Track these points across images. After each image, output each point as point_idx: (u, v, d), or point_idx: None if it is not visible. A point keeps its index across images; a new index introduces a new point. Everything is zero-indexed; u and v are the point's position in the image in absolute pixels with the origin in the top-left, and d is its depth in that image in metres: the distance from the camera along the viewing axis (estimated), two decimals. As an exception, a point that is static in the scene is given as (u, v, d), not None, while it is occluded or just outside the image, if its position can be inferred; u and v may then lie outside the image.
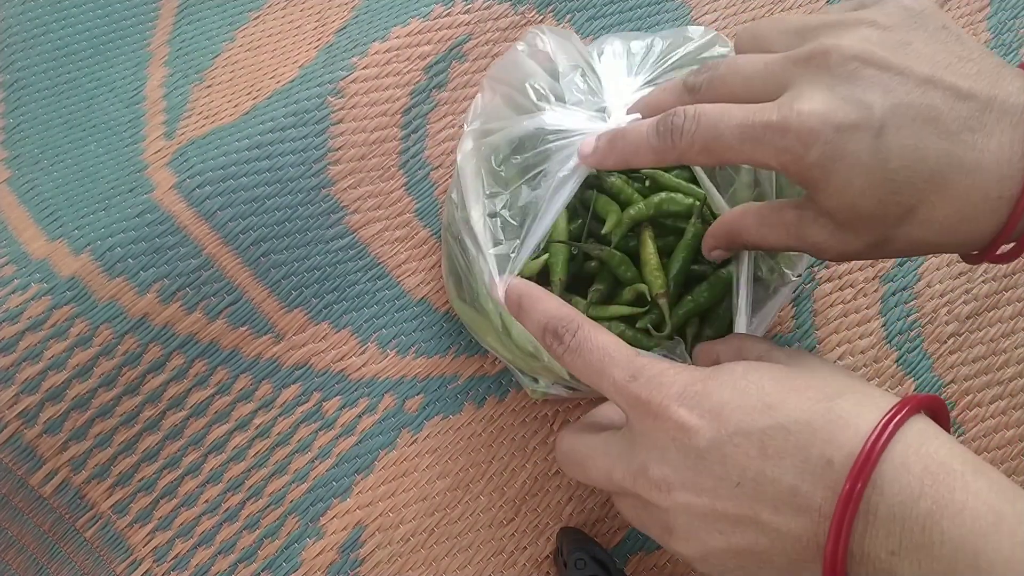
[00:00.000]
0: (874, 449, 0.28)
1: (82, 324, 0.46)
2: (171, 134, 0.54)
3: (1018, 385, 0.52)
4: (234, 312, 0.49)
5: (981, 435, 0.51)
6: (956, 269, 0.55)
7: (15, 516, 0.46)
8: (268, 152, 0.51)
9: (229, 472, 0.48)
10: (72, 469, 0.46)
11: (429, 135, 0.55)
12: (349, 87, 0.53)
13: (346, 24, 0.58)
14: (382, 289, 0.52)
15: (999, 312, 0.54)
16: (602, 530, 0.49)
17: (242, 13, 0.60)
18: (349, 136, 0.53)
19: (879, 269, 0.55)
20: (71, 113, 0.55)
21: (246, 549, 0.47)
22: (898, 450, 0.28)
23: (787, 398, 0.31)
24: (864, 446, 0.28)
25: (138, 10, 0.59)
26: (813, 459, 0.29)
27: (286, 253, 0.51)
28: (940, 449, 0.29)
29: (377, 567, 0.47)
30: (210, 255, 0.49)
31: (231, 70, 0.57)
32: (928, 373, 0.52)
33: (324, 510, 0.48)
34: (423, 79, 0.55)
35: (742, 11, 0.61)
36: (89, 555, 0.47)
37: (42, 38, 0.57)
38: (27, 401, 0.45)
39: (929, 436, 0.29)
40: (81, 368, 0.46)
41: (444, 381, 0.51)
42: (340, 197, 0.52)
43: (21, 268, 0.48)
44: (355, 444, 0.49)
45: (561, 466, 0.38)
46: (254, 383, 0.50)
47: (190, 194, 0.49)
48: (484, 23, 0.57)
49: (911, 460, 0.28)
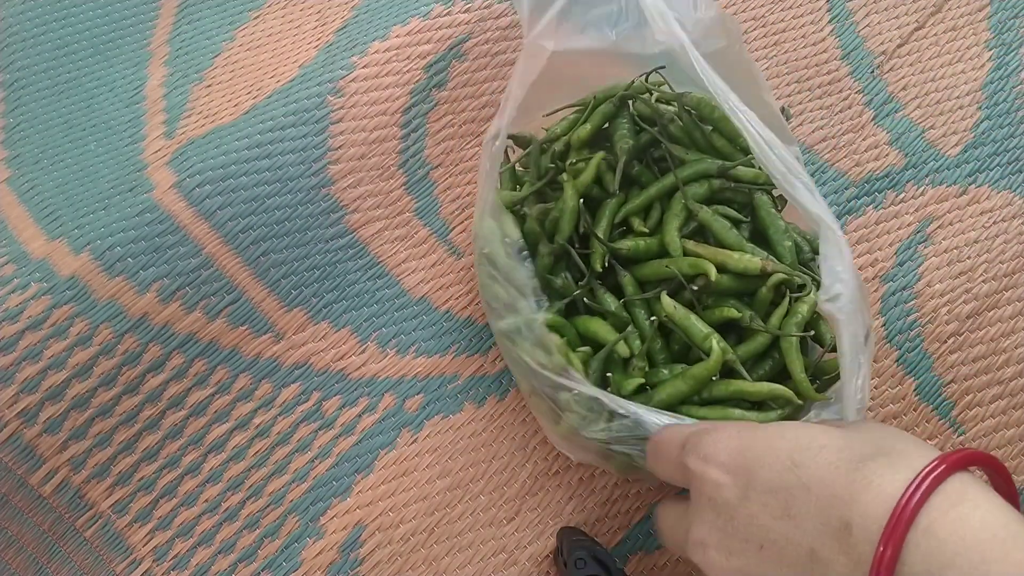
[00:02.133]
0: (904, 514, 0.26)
1: (82, 323, 0.46)
2: (171, 134, 0.54)
3: (1018, 385, 0.52)
4: (234, 311, 0.49)
5: (981, 435, 0.51)
6: (956, 269, 0.55)
7: (15, 515, 0.46)
8: (268, 151, 0.51)
9: (229, 471, 0.48)
10: (72, 468, 0.46)
11: (429, 134, 0.55)
12: (349, 86, 0.53)
13: (346, 23, 0.58)
14: (382, 288, 0.52)
15: (999, 312, 0.54)
16: (602, 529, 0.49)
17: (242, 12, 0.60)
18: (349, 135, 0.53)
19: (879, 269, 0.55)
20: (71, 113, 0.55)
21: (246, 548, 0.47)
22: (923, 514, 0.27)
23: (816, 456, 0.30)
24: (895, 510, 0.27)
25: (138, 10, 0.59)
26: (832, 522, 0.28)
27: (286, 252, 0.51)
28: (975, 512, 0.26)
29: (377, 566, 0.47)
30: (210, 254, 0.49)
31: (231, 69, 0.57)
32: (928, 373, 0.52)
33: (324, 509, 0.48)
34: (423, 78, 0.55)
35: (741, 11, 0.61)
36: (89, 554, 0.47)
37: (42, 37, 0.57)
38: (27, 400, 0.45)
39: (966, 497, 0.27)
40: (81, 367, 0.46)
41: (444, 380, 0.51)
42: (340, 196, 0.52)
43: (21, 267, 0.48)
44: (355, 443, 0.49)
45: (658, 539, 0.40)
46: (254, 382, 0.49)
47: (190, 193, 0.49)
48: (484, 22, 0.57)
49: (937, 526, 0.26)
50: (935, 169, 0.57)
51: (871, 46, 0.61)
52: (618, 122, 0.48)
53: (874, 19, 0.62)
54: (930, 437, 0.51)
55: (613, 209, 0.46)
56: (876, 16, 0.62)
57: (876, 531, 0.27)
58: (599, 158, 0.46)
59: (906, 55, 0.61)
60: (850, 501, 0.28)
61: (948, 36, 0.61)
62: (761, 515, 0.30)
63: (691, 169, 0.46)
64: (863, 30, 0.61)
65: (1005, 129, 0.59)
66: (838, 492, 0.29)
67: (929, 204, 0.56)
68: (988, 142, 0.58)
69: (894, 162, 0.58)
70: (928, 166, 0.57)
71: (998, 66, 0.61)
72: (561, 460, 0.50)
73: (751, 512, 0.30)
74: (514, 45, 0.58)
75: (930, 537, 0.26)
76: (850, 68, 0.60)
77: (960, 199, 0.57)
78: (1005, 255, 0.55)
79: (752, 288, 0.44)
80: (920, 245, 0.55)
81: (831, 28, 0.61)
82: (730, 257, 0.43)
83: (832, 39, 0.61)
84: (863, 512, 0.27)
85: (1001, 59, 0.61)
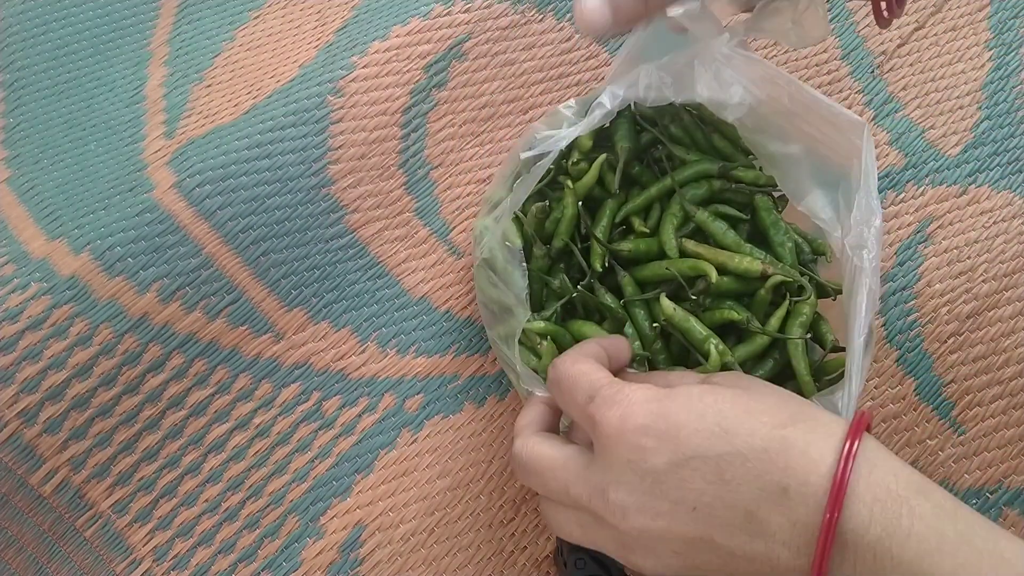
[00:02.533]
0: (843, 481, 0.30)
1: (82, 323, 0.46)
2: (171, 133, 0.54)
3: (1018, 385, 0.52)
4: (234, 311, 0.49)
5: (981, 435, 0.51)
6: (956, 269, 0.55)
7: (15, 515, 0.46)
8: (268, 151, 0.51)
9: (229, 471, 0.48)
10: (72, 468, 0.46)
11: (429, 134, 0.55)
12: (349, 86, 0.53)
13: (346, 23, 0.58)
14: (382, 288, 0.52)
15: (999, 312, 0.54)
16: (602, 529, 0.49)
17: (242, 12, 0.60)
18: (349, 135, 0.53)
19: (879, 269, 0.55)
20: (71, 113, 0.55)
21: (246, 548, 0.47)
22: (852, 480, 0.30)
23: (743, 423, 0.32)
24: (835, 477, 0.30)
25: (138, 9, 0.59)
26: (769, 487, 0.31)
27: (286, 252, 0.51)
28: (887, 475, 0.30)
29: (377, 566, 0.47)
30: (210, 254, 0.49)
31: (231, 69, 0.57)
32: (928, 373, 0.52)
33: (324, 509, 0.48)
34: (423, 78, 0.55)
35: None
36: (89, 554, 0.47)
37: (42, 37, 0.57)
38: (27, 400, 0.45)
39: (877, 462, 0.31)
40: (81, 367, 0.46)
41: (444, 380, 0.51)
42: (340, 196, 0.52)
43: (21, 267, 0.48)
44: (355, 443, 0.49)
45: (515, 471, 0.38)
46: (254, 382, 0.49)
47: (190, 193, 0.49)
48: (484, 22, 0.57)
49: (861, 489, 0.30)
50: (935, 169, 0.57)
51: (871, 46, 0.61)
52: (619, 122, 0.48)
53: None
54: (930, 437, 0.51)
55: (613, 209, 0.46)
56: (876, 16, 0.62)
57: (813, 494, 0.30)
58: (601, 160, 0.45)
59: (906, 55, 0.61)
60: (784, 468, 0.31)
61: (948, 36, 0.61)
62: (691, 480, 0.32)
63: (692, 170, 0.46)
64: (863, 30, 0.61)
65: (1005, 129, 0.59)
66: (772, 458, 0.31)
67: (929, 204, 0.56)
68: (988, 142, 0.58)
69: (894, 162, 0.58)
70: (928, 166, 0.58)
71: (998, 66, 0.61)
72: (561, 460, 0.50)
73: (681, 476, 0.32)
74: (514, 45, 0.58)
75: (856, 500, 0.30)
76: (850, 68, 0.60)
77: (960, 199, 0.57)
78: (1005, 255, 0.55)
79: (751, 289, 0.44)
80: (920, 245, 0.55)
81: (831, 28, 0.61)
82: (730, 258, 0.43)
83: (832, 39, 0.61)
84: (799, 478, 0.30)
85: (1001, 59, 0.61)
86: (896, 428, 0.51)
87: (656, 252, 0.45)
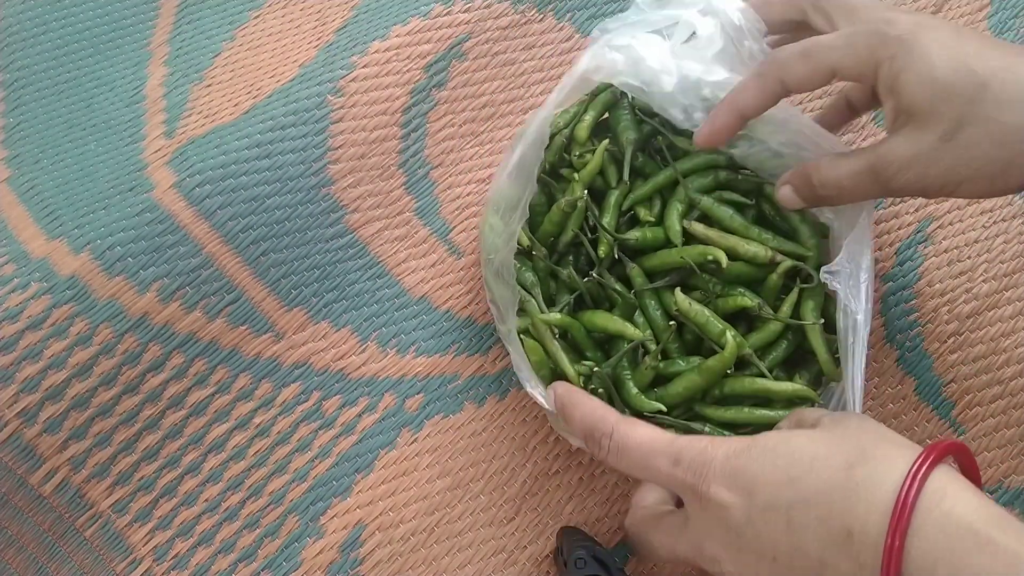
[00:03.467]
0: (899, 525, 0.29)
1: (82, 323, 0.46)
2: (171, 133, 0.54)
3: (1018, 385, 0.52)
4: (234, 311, 0.49)
5: (981, 435, 0.51)
6: (956, 268, 0.55)
7: (15, 515, 0.46)
8: (268, 151, 0.51)
9: (229, 471, 0.48)
10: (72, 468, 0.46)
11: (429, 134, 0.55)
12: (349, 86, 0.53)
13: (346, 23, 0.58)
14: (382, 288, 0.52)
15: (999, 311, 0.54)
16: (602, 529, 0.49)
17: (242, 12, 0.60)
18: (349, 135, 0.53)
19: (879, 269, 0.55)
20: (71, 112, 0.55)
21: (246, 548, 0.47)
22: (915, 517, 0.29)
23: (811, 469, 0.32)
24: (891, 523, 0.29)
25: (138, 9, 0.59)
26: (835, 531, 0.31)
27: (286, 252, 0.51)
28: (957, 507, 0.29)
29: (377, 566, 0.47)
30: (210, 254, 0.49)
31: (231, 69, 0.57)
32: (928, 373, 0.52)
33: (324, 509, 0.48)
34: (423, 78, 0.55)
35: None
36: (89, 554, 0.47)
37: (42, 37, 0.57)
38: (27, 400, 0.45)
39: (948, 494, 0.30)
40: (81, 367, 0.46)
41: (444, 380, 0.51)
42: (340, 196, 0.52)
43: (21, 267, 0.48)
44: (355, 443, 0.49)
45: (635, 551, 0.42)
46: (254, 382, 0.49)
47: (190, 193, 0.49)
48: (484, 22, 0.57)
49: (926, 526, 0.29)
50: (935, 169, 0.57)
51: (871, 46, 0.61)
52: (619, 113, 0.48)
53: (874, 19, 0.62)
54: (930, 437, 0.51)
55: (619, 199, 0.46)
56: (876, 16, 0.62)
57: (876, 536, 0.29)
58: (604, 146, 0.46)
59: (906, 55, 0.61)
60: (847, 511, 0.30)
61: (948, 36, 0.61)
62: (767, 531, 0.32)
63: (700, 159, 0.46)
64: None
65: (1005, 129, 0.59)
66: (835, 502, 0.31)
67: (929, 204, 0.56)
68: (988, 142, 0.58)
69: (894, 162, 0.57)
70: (928, 166, 0.57)
71: (998, 66, 0.60)
72: (561, 460, 0.50)
73: (757, 530, 0.32)
74: (514, 45, 0.58)
75: (920, 538, 0.29)
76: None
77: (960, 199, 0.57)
78: (1005, 255, 0.55)
79: (762, 276, 0.44)
80: (920, 245, 0.55)
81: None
82: (739, 243, 0.43)
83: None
84: (862, 520, 0.30)
85: (1001, 59, 0.61)
86: (896, 428, 0.51)
87: (663, 240, 0.45)
